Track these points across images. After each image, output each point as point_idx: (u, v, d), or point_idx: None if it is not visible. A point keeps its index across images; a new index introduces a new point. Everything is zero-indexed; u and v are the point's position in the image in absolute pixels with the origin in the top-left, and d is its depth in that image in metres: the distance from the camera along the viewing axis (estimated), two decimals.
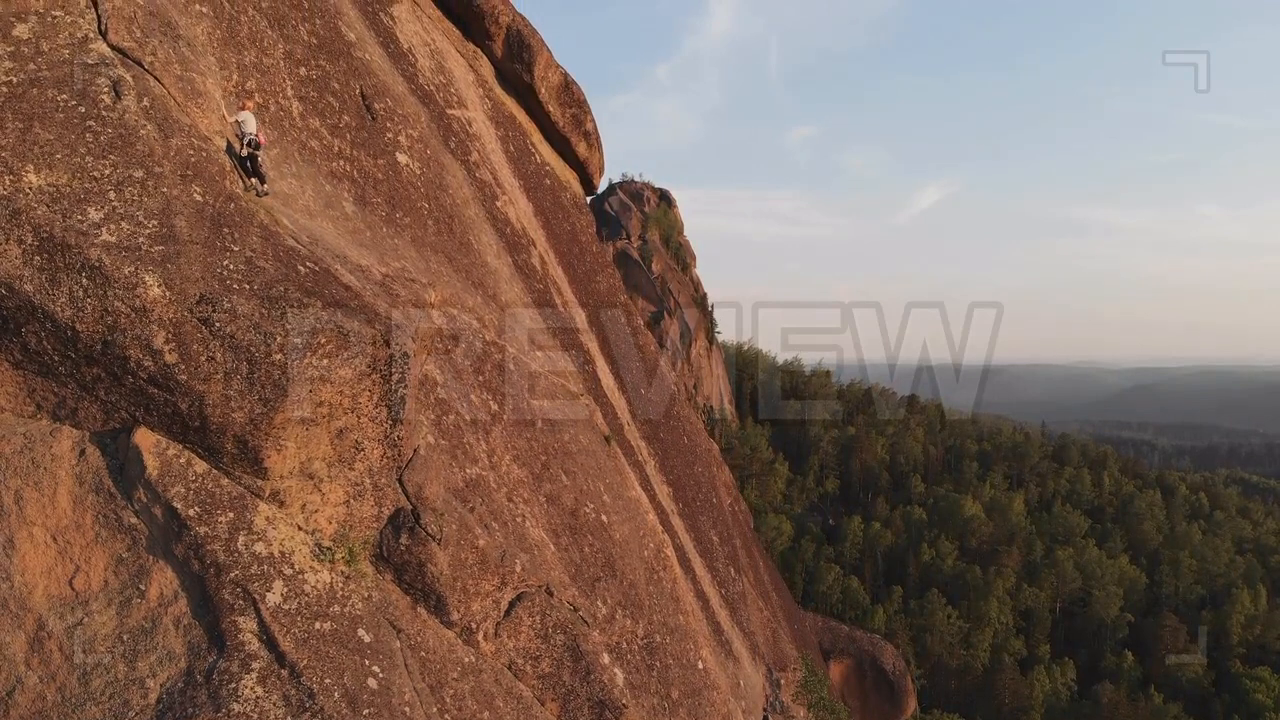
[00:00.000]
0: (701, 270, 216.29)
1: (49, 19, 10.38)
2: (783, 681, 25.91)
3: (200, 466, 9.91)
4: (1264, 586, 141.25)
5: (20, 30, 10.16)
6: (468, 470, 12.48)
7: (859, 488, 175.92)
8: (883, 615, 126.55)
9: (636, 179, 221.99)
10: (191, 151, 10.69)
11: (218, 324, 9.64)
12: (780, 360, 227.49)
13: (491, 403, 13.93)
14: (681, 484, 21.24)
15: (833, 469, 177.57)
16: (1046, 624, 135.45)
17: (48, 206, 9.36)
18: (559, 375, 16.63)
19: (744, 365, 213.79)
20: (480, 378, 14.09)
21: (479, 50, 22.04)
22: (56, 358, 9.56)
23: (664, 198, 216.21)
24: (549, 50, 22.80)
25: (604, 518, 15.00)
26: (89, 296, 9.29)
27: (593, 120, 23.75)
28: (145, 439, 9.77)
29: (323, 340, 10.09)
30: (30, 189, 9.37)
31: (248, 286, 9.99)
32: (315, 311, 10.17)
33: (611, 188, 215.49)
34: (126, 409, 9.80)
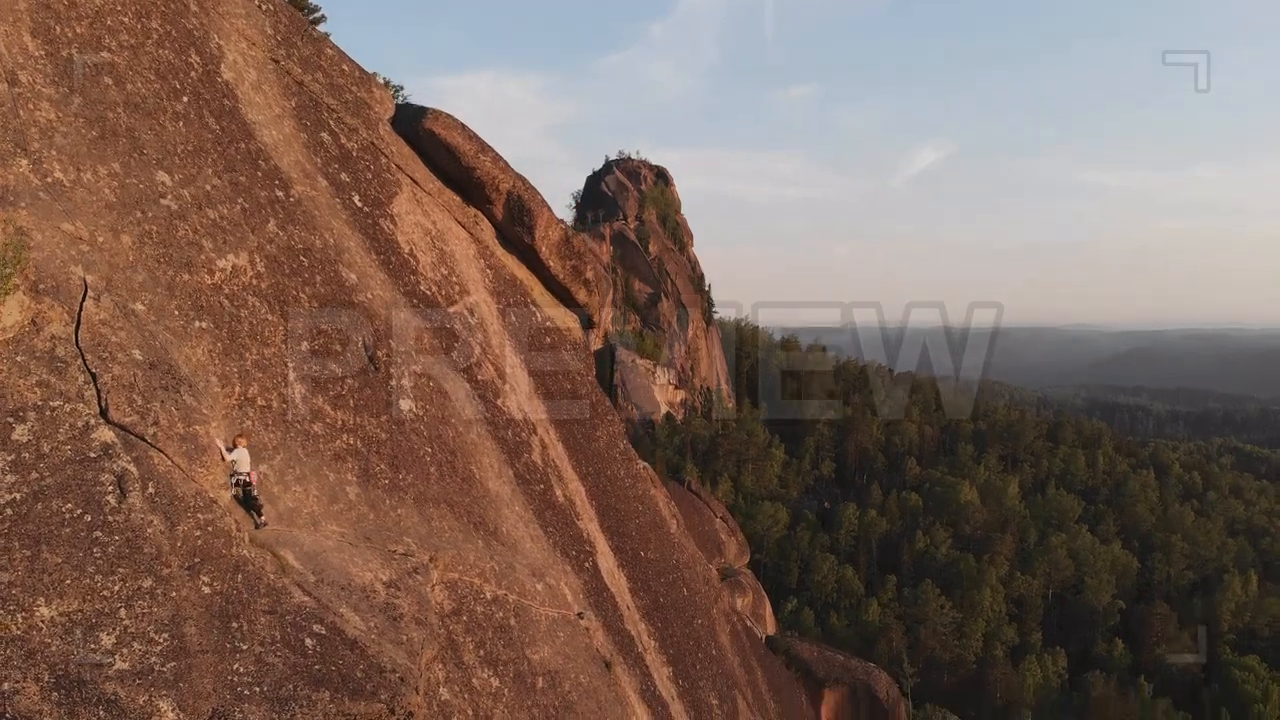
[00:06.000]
0: (698, 233, 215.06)
1: (47, 412, 10.38)
2: None
3: None
4: (1255, 572, 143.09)
5: (19, 433, 10.17)
6: None
7: (854, 470, 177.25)
8: (877, 608, 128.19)
9: (633, 156, 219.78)
10: (199, 533, 10.77)
11: None
12: (778, 337, 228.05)
13: (493, 680, 14.15)
14: (682, 655, 21.60)
15: (828, 451, 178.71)
16: (1039, 611, 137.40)
17: (61, 639, 9.45)
18: (559, 603, 16.85)
19: (742, 343, 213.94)
20: (482, 652, 14.29)
21: (479, 213, 21.98)
22: None
23: (661, 176, 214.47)
24: (549, 209, 22.73)
25: None
26: None
27: (592, 268, 23.75)
28: None
29: None
30: (43, 623, 9.45)
31: (258, 690, 10.13)
32: (324, 704, 10.32)
33: (608, 165, 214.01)
34: None
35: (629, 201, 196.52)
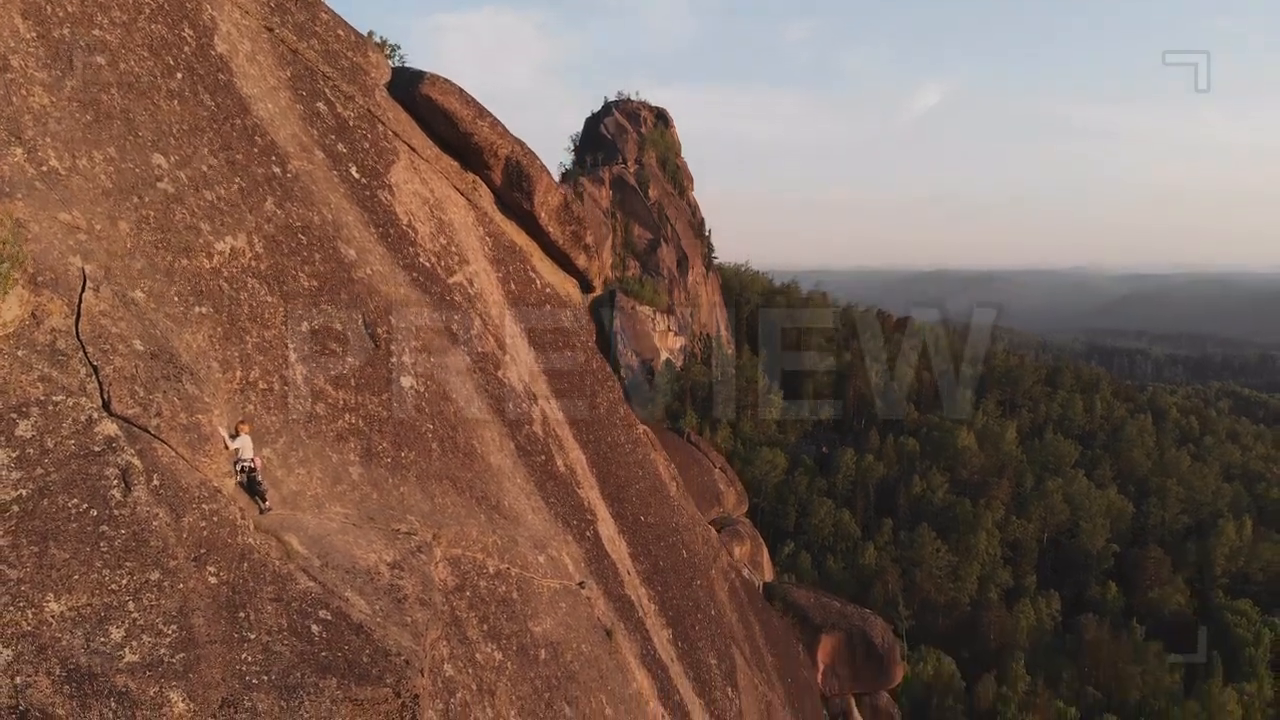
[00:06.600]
0: (698, 175, 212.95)
1: (50, 407, 10.42)
2: None
3: None
4: (1249, 517, 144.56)
5: (23, 429, 10.22)
6: None
7: (853, 415, 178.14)
8: (873, 551, 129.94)
9: (633, 97, 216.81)
10: (204, 523, 10.90)
11: None
12: (778, 282, 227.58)
13: (496, 654, 14.41)
14: (681, 616, 21.96)
15: (827, 396, 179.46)
16: (1033, 555, 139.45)
17: (71, 633, 9.62)
18: (561, 574, 17.10)
19: (741, 289, 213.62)
20: (485, 627, 14.54)
21: (477, 179, 21.79)
22: None
23: (661, 118, 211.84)
24: (548, 174, 22.52)
25: None
26: (118, 717, 9.63)
27: (592, 234, 23.64)
28: None
29: (340, 719, 10.52)
30: (53, 618, 9.61)
31: (266, 679, 10.33)
32: (331, 691, 10.55)
33: (607, 107, 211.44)
34: None
35: (628, 144, 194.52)
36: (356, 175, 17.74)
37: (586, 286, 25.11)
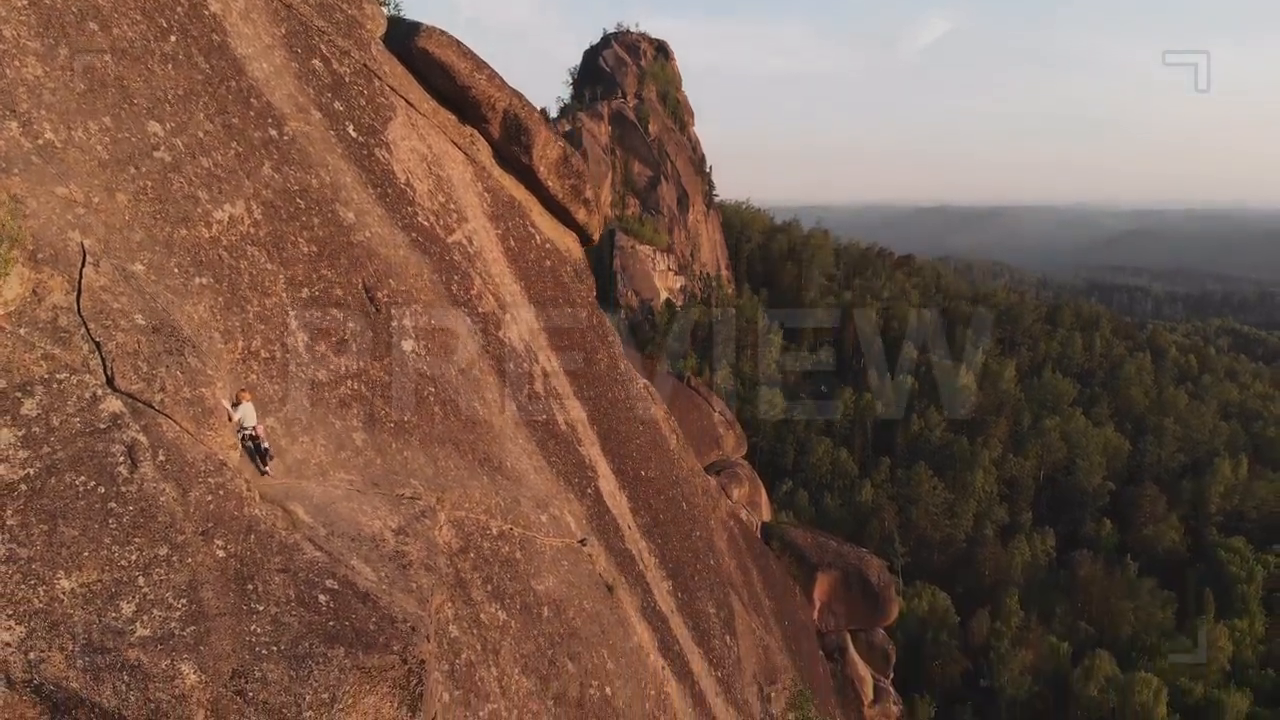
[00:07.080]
0: (698, 110, 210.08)
1: (54, 385, 10.48)
2: (773, 695, 27.87)
3: None
4: (1246, 455, 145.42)
5: (28, 407, 10.29)
6: (480, 713, 13.40)
7: (852, 354, 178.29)
8: (870, 489, 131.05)
9: (632, 29, 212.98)
10: (210, 497, 11.04)
11: (251, 693, 10.29)
12: (780, 219, 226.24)
13: (500, 613, 14.70)
14: (680, 567, 22.34)
15: (827, 335, 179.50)
16: (1030, 492, 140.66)
17: (82, 609, 9.81)
18: (563, 532, 17.35)
19: (742, 227, 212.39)
20: (489, 587, 14.80)
21: (475, 132, 21.56)
22: None
23: (661, 50, 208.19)
24: (547, 126, 22.29)
25: (608, 690, 16.06)
26: (131, 690, 9.87)
27: (591, 188, 23.46)
28: None
29: (349, 687, 10.78)
30: (64, 595, 9.80)
31: (275, 649, 10.57)
32: (339, 660, 10.79)
33: (606, 39, 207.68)
34: None
35: (628, 78, 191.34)
36: (354, 134, 17.56)
37: (586, 240, 25.00)
